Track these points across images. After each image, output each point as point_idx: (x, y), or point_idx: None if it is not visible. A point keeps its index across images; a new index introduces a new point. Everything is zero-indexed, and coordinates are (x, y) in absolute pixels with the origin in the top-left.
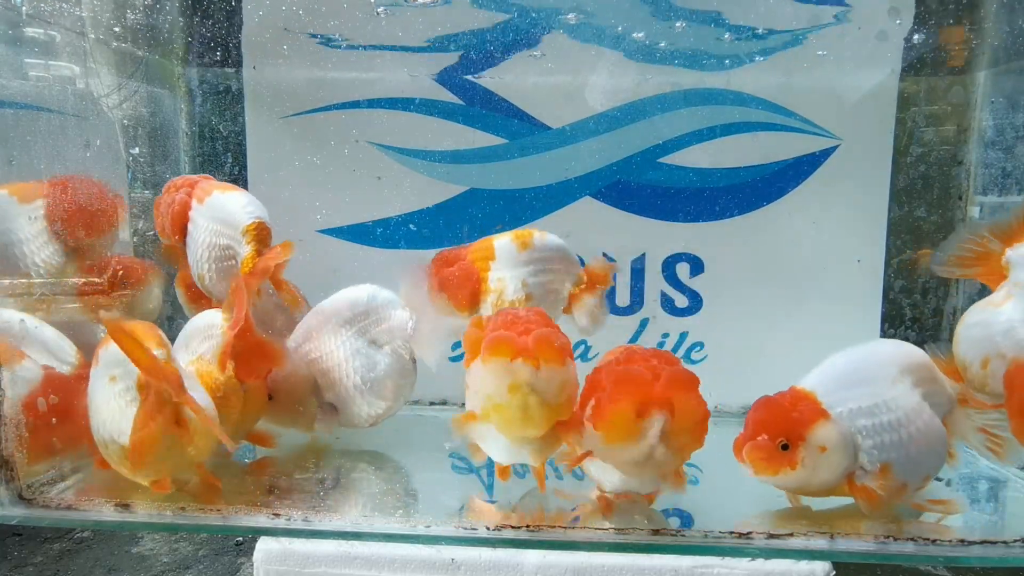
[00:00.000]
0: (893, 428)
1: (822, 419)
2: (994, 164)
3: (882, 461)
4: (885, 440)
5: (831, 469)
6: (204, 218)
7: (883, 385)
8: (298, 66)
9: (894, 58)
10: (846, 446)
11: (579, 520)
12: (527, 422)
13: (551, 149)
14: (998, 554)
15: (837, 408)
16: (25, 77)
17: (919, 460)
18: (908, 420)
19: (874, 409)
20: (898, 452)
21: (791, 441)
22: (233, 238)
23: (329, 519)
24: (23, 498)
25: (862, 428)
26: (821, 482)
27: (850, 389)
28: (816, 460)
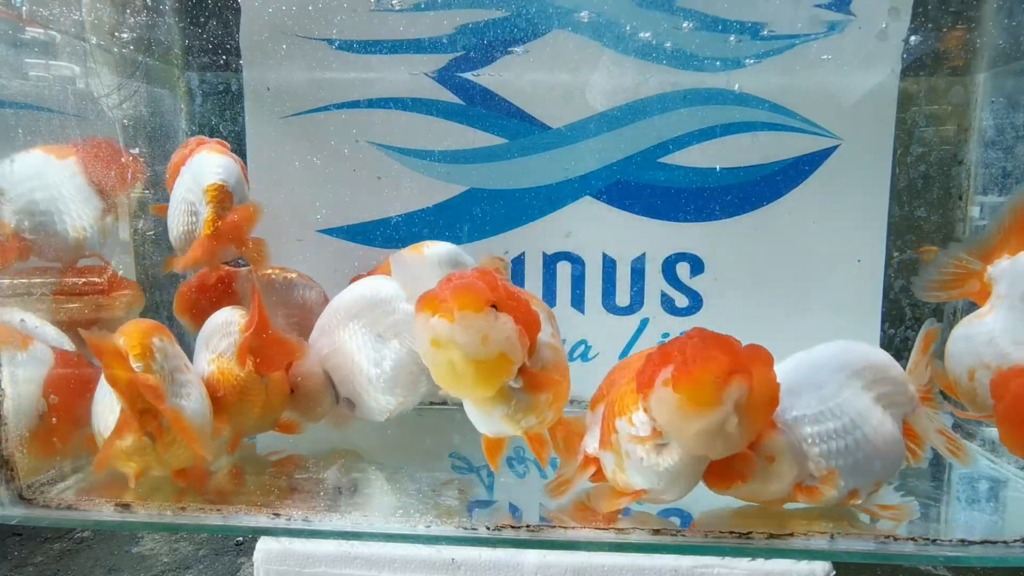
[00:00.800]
0: (839, 434)
1: (770, 429)
2: (994, 164)
3: (828, 467)
4: (832, 447)
5: (781, 478)
6: (184, 175)
7: (829, 390)
8: (298, 66)
9: (894, 58)
10: (794, 455)
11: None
12: (459, 380)
13: (551, 149)
14: (998, 554)
15: (784, 416)
16: (25, 77)
17: (868, 465)
18: (855, 425)
19: (820, 416)
20: (845, 458)
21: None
22: (198, 197)
23: (329, 519)
24: (23, 498)
25: (808, 435)
26: (772, 492)
27: (796, 396)
28: (766, 471)
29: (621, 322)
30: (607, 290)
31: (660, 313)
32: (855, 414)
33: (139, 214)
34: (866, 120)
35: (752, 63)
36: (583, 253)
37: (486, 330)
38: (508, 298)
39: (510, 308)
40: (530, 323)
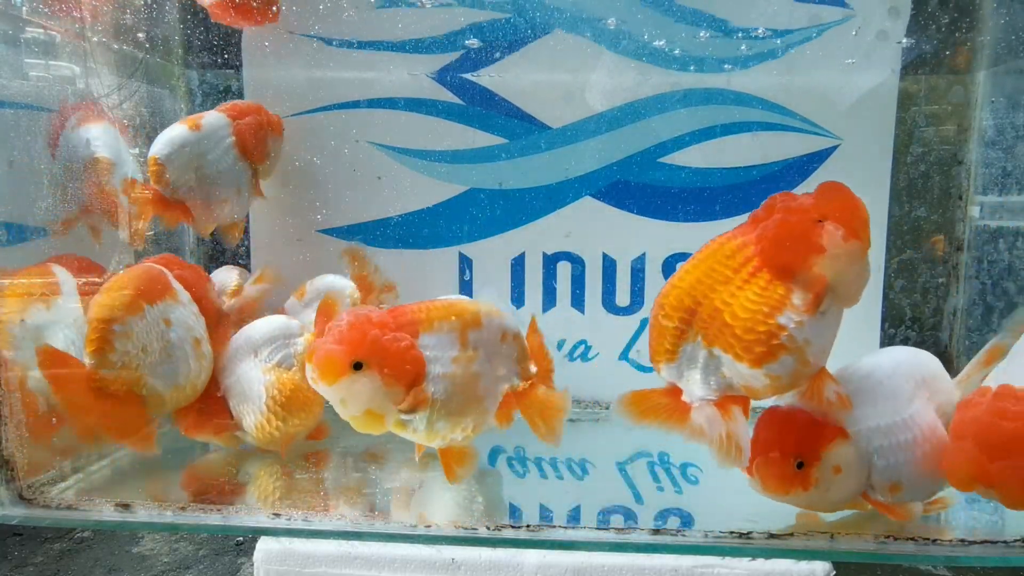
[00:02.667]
0: (908, 448)
1: (840, 438)
2: (994, 163)
3: (892, 481)
4: (900, 459)
5: (845, 490)
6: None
7: (902, 401)
8: (298, 66)
9: (894, 58)
10: (862, 467)
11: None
12: (358, 427)
13: (551, 149)
14: (998, 554)
15: (855, 426)
16: (25, 77)
17: (930, 479)
18: (924, 439)
19: (893, 428)
20: (910, 471)
21: (806, 460)
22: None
23: (329, 519)
24: (23, 498)
25: (879, 448)
26: (832, 502)
27: (869, 406)
28: (830, 481)
29: (621, 322)
30: (607, 290)
31: None
32: (925, 427)
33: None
34: (866, 120)
35: (752, 63)
36: (583, 253)
37: (344, 395)
38: (374, 351)
39: (377, 360)
40: (402, 369)
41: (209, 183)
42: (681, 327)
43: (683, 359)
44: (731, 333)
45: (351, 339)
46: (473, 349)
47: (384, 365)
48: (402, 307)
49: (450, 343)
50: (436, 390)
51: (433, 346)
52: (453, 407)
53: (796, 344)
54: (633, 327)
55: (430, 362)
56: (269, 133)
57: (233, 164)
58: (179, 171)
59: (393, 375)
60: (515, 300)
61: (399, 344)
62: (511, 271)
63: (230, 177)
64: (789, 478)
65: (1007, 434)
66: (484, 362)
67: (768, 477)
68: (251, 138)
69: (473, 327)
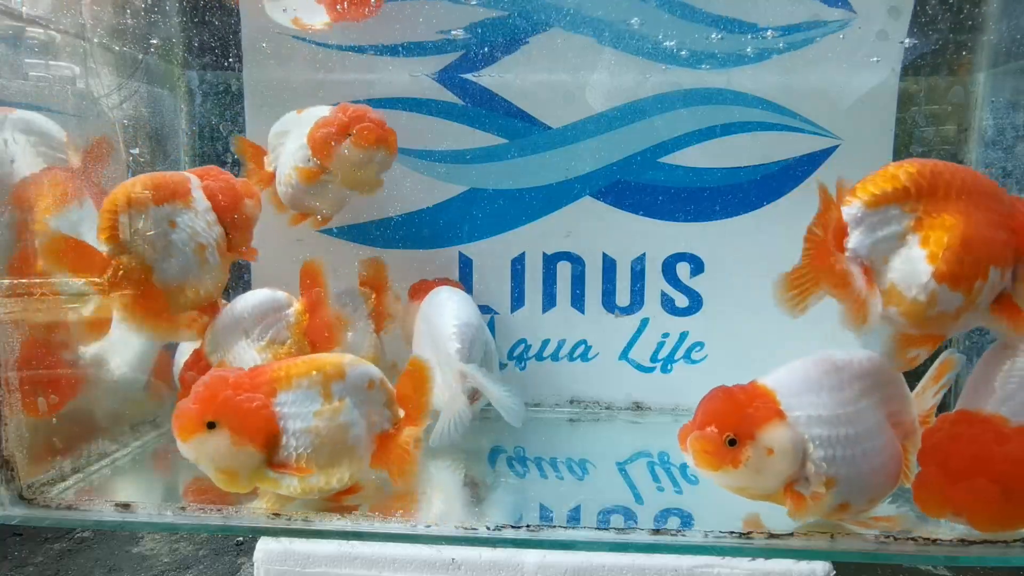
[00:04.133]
0: (848, 443)
1: (776, 420)
2: (994, 164)
3: (828, 475)
4: (837, 454)
5: (775, 474)
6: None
7: (848, 396)
8: (298, 66)
9: (894, 58)
10: (796, 452)
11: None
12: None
13: (551, 149)
14: (998, 554)
15: (795, 411)
16: (25, 77)
17: (868, 481)
18: (866, 438)
19: (834, 419)
20: (848, 469)
21: (739, 437)
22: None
23: (329, 519)
24: (23, 498)
25: (816, 437)
26: (762, 486)
27: (813, 395)
28: (761, 462)
29: (621, 322)
30: (607, 290)
31: (660, 313)
32: (871, 425)
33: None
34: (866, 120)
35: (752, 63)
36: (583, 253)
37: (196, 453)
38: (225, 410)
39: (227, 419)
40: (252, 427)
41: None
42: (906, 197)
43: (885, 222)
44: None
45: (204, 398)
46: (339, 400)
47: (234, 424)
48: (263, 366)
49: (311, 398)
50: (299, 444)
51: (292, 402)
52: (323, 460)
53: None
54: (633, 327)
55: (290, 418)
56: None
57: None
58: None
59: (243, 433)
60: (515, 300)
61: (250, 404)
62: (511, 271)
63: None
64: (720, 454)
65: (964, 457)
66: (352, 411)
67: (699, 451)
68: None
69: (336, 379)
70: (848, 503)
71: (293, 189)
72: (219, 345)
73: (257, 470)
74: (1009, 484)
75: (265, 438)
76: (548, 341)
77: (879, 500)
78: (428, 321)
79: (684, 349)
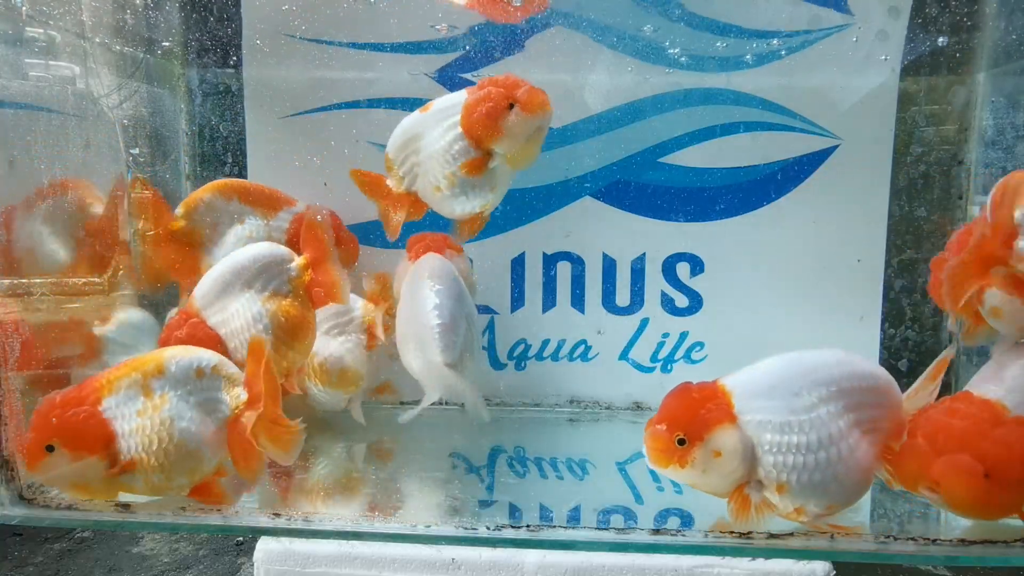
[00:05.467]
0: (800, 450)
1: (727, 423)
2: (995, 164)
3: (779, 482)
4: (789, 461)
5: (722, 476)
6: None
7: (805, 402)
8: (298, 66)
9: (894, 58)
10: (744, 456)
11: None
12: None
13: (551, 149)
14: (998, 554)
15: (747, 415)
16: (25, 77)
17: (824, 488)
18: (821, 445)
19: (784, 426)
20: (800, 475)
21: (689, 438)
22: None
23: (329, 519)
24: (24, 498)
25: (766, 442)
26: (710, 486)
27: (767, 398)
28: (708, 463)
29: (621, 322)
30: (607, 290)
31: (660, 313)
32: (825, 434)
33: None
34: (866, 120)
35: (752, 63)
36: (583, 253)
37: (46, 477)
38: (56, 430)
39: (61, 438)
40: (85, 438)
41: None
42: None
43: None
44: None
45: (38, 426)
46: (160, 396)
47: (69, 441)
48: (89, 379)
49: (132, 398)
50: (131, 445)
51: (115, 406)
52: (160, 456)
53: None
54: (633, 327)
55: (117, 420)
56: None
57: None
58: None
59: (80, 447)
60: (515, 300)
61: (78, 417)
62: (511, 271)
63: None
64: (669, 452)
65: (954, 431)
66: (177, 404)
67: (651, 448)
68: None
69: (155, 375)
70: (802, 507)
71: (455, 192)
72: (216, 299)
73: (106, 478)
74: (993, 467)
75: (101, 445)
76: (548, 341)
77: (840, 508)
78: (411, 301)
79: (684, 349)
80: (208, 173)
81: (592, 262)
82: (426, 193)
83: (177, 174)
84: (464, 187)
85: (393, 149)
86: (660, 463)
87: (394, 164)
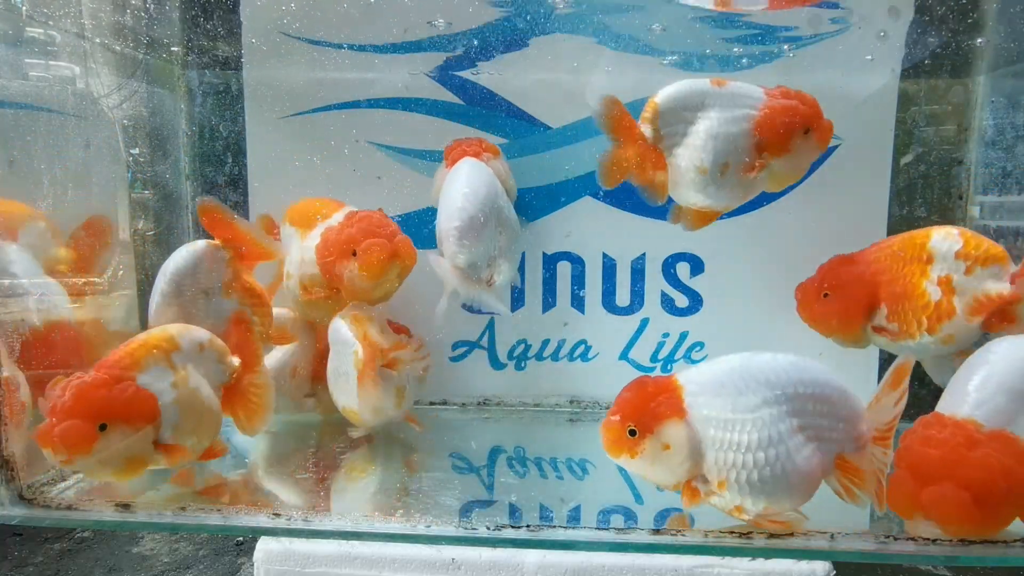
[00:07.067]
0: (740, 449)
1: (675, 417)
2: (994, 164)
3: (720, 478)
4: (729, 458)
5: (670, 468)
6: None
7: (750, 401)
8: (298, 66)
9: (894, 58)
10: (692, 451)
11: None
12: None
13: (551, 149)
14: (998, 554)
15: (695, 410)
16: (25, 77)
17: (762, 488)
18: (760, 446)
19: (728, 423)
20: (739, 473)
21: (640, 430)
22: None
23: (329, 519)
24: (23, 498)
25: (711, 438)
26: (660, 478)
27: (716, 395)
28: (657, 455)
29: (621, 322)
30: (607, 290)
31: (660, 313)
32: (766, 435)
33: (139, 214)
34: (866, 120)
35: (752, 63)
36: (583, 253)
37: (100, 459)
38: (111, 408)
39: (115, 415)
40: (140, 410)
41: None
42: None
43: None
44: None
45: (78, 409)
46: (183, 369)
47: (123, 416)
48: (105, 360)
49: (162, 372)
50: (171, 416)
51: (152, 381)
52: (191, 424)
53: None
54: (633, 327)
55: (159, 394)
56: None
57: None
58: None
59: (134, 420)
60: (515, 300)
61: (126, 392)
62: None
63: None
64: (621, 443)
65: (933, 461)
66: (195, 375)
67: (604, 438)
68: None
69: (174, 351)
70: (742, 506)
71: (716, 181)
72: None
73: (153, 451)
74: (978, 490)
75: (152, 416)
76: (548, 341)
77: (780, 510)
78: (441, 204)
79: (684, 349)
80: (208, 173)
81: (592, 262)
82: (682, 164)
83: (177, 174)
84: (728, 182)
85: (667, 102)
86: (612, 452)
87: (658, 117)
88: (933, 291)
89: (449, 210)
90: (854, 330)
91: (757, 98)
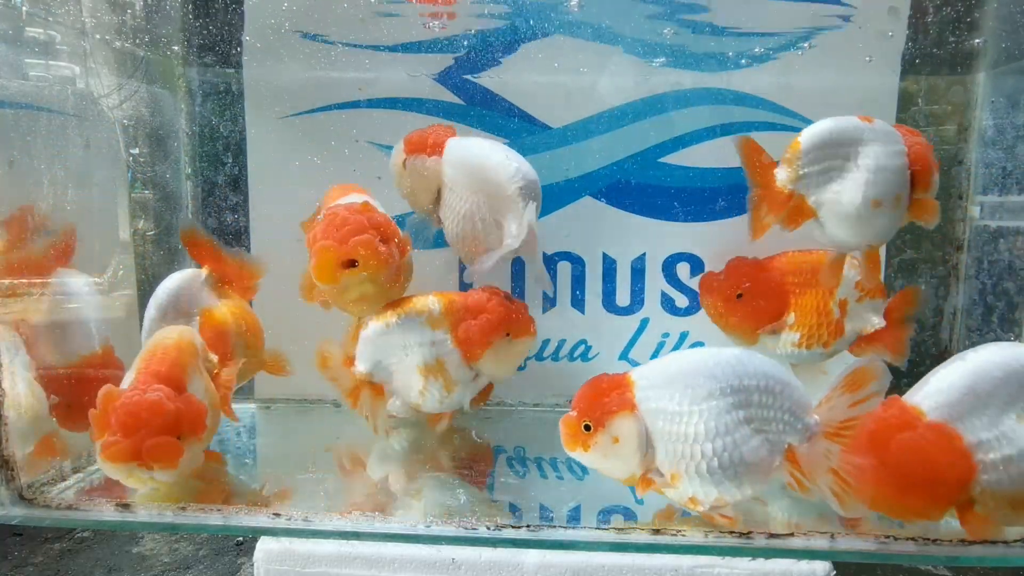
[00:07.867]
0: (687, 440)
1: (626, 411)
2: (994, 163)
3: (673, 470)
4: (677, 450)
5: (622, 461)
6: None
7: (696, 395)
8: (298, 66)
9: (894, 58)
10: (640, 444)
11: None
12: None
13: (551, 149)
14: (998, 554)
15: (645, 404)
16: (25, 77)
17: (711, 479)
18: (707, 437)
19: (675, 416)
20: (687, 465)
21: (593, 424)
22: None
23: (329, 519)
24: (24, 498)
25: (659, 431)
26: (613, 470)
27: (663, 389)
28: (608, 448)
29: (621, 322)
30: (607, 290)
31: (660, 313)
32: (712, 426)
33: (139, 214)
34: None
35: (753, 63)
36: (583, 253)
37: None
38: (186, 421)
39: (188, 427)
40: (200, 423)
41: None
42: None
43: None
44: None
45: (163, 425)
46: (204, 372)
47: (193, 427)
48: (158, 371)
49: (198, 379)
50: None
51: (194, 389)
52: (213, 425)
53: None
54: (633, 327)
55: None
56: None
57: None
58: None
59: (199, 430)
60: None
61: (192, 404)
62: (512, 271)
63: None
64: (575, 437)
65: (865, 434)
66: (206, 376)
67: (562, 433)
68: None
69: (197, 356)
70: (694, 497)
71: (875, 215)
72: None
73: (200, 457)
74: (893, 469)
75: (204, 423)
76: (548, 341)
77: (729, 502)
78: (466, 169)
79: (684, 349)
80: (208, 173)
81: (592, 262)
82: (840, 203)
83: (177, 174)
84: (886, 214)
85: (812, 141)
86: (568, 446)
87: (801, 157)
88: (835, 310)
89: (499, 177)
90: (755, 332)
91: (900, 135)
